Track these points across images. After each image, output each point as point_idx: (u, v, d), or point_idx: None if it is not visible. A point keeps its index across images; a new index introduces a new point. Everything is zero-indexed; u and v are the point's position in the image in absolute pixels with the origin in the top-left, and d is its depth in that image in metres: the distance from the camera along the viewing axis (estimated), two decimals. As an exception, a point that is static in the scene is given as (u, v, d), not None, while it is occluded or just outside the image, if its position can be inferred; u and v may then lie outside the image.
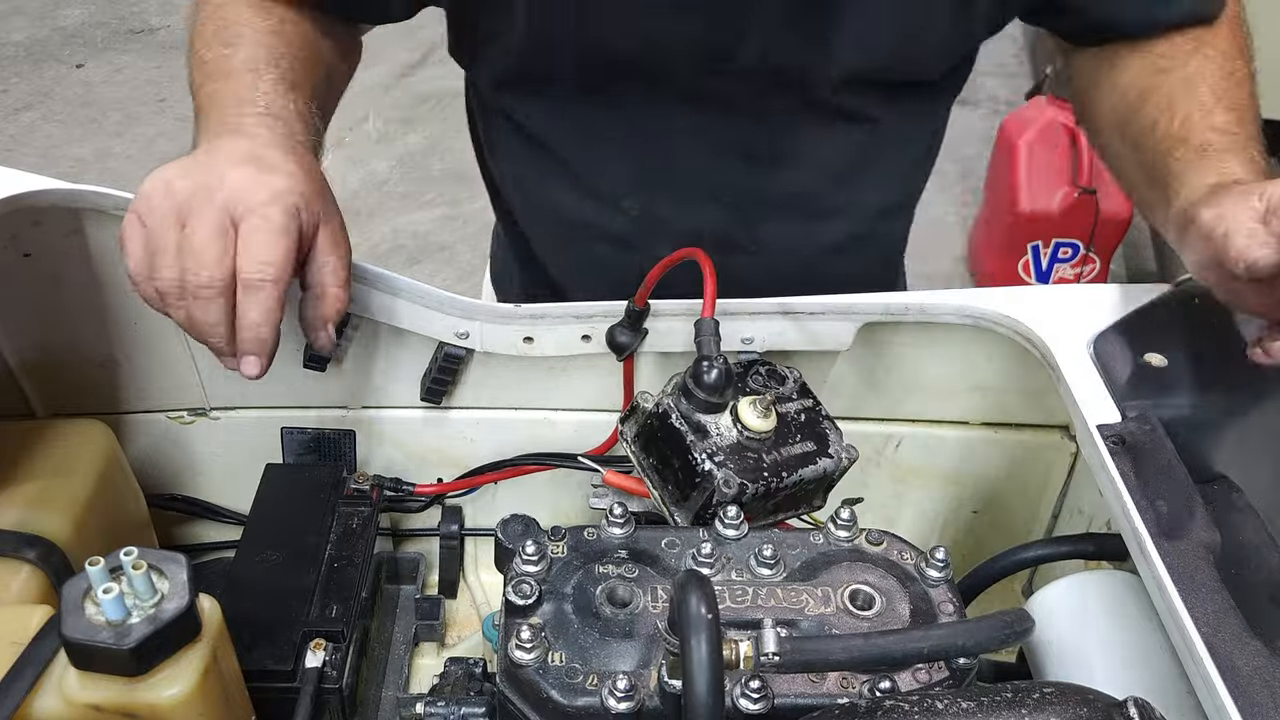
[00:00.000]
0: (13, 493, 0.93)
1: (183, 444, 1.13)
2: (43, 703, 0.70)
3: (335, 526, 1.02)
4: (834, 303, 1.00)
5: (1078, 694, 0.64)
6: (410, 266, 3.48)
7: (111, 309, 1.02)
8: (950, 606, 0.80)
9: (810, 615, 0.78)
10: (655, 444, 0.89)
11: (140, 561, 0.68)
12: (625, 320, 0.99)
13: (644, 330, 1.00)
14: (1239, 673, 0.70)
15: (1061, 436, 1.12)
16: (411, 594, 1.13)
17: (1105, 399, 0.92)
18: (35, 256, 0.97)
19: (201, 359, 1.07)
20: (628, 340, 1.00)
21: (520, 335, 1.02)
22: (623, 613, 0.76)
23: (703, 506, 0.85)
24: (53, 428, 1.01)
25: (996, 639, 0.71)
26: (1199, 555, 0.78)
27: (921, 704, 0.64)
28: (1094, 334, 0.97)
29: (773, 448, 0.87)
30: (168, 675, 0.70)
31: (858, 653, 0.69)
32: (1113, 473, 0.84)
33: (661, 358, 1.05)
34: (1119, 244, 3.10)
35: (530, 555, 0.79)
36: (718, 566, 0.80)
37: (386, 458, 1.14)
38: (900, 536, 0.87)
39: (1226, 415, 0.94)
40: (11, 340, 1.03)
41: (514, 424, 1.11)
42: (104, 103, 4.28)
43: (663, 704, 0.71)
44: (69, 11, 4.86)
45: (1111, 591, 0.88)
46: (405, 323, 1.01)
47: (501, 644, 0.75)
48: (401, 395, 1.09)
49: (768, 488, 0.85)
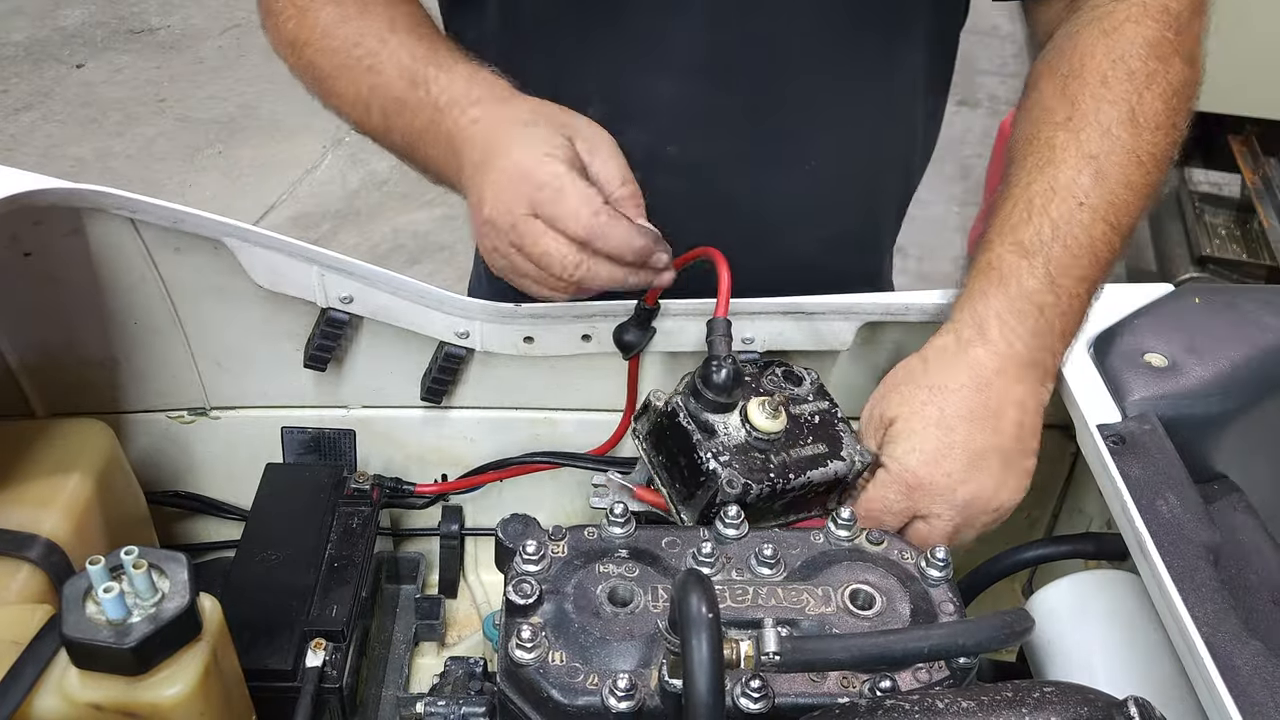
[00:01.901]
0: (13, 493, 0.93)
1: (183, 444, 1.13)
2: (43, 702, 0.70)
3: (335, 526, 1.02)
4: (834, 302, 1.00)
5: (1078, 693, 0.64)
6: (410, 266, 3.48)
7: (111, 309, 1.02)
8: (950, 606, 0.80)
9: (811, 615, 0.78)
10: (665, 442, 0.89)
11: (141, 561, 0.68)
12: (634, 319, 0.99)
13: (652, 329, 0.99)
14: (1239, 672, 0.70)
15: (1061, 436, 1.12)
16: (412, 594, 1.13)
17: (1105, 399, 0.92)
18: (35, 256, 0.97)
19: (201, 359, 1.07)
20: (635, 339, 0.99)
21: (520, 335, 1.02)
22: (623, 612, 0.76)
23: (707, 505, 0.85)
24: (53, 427, 1.01)
25: (997, 639, 0.71)
26: (1199, 555, 0.78)
27: (922, 703, 0.64)
28: (1094, 334, 0.97)
29: (782, 449, 0.87)
30: (168, 674, 0.70)
31: (858, 652, 0.69)
32: (1113, 472, 0.84)
33: (667, 357, 1.05)
34: (1119, 244, 3.09)
35: (531, 555, 0.79)
36: (718, 566, 0.80)
37: (386, 458, 1.14)
38: (900, 537, 0.87)
39: (1226, 415, 0.94)
40: (11, 340, 1.03)
41: (514, 423, 1.11)
42: (104, 103, 4.28)
43: (663, 703, 0.71)
44: (69, 11, 4.86)
45: (1111, 591, 0.88)
46: (405, 323, 1.01)
47: (502, 643, 0.75)
48: (401, 395, 1.10)
49: (774, 488, 0.85)
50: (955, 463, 0.86)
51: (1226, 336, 0.96)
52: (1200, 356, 0.94)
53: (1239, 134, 3.23)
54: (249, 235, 0.95)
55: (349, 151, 4.00)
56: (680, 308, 0.99)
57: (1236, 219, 3.19)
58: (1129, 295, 1.02)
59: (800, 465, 0.87)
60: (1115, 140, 0.92)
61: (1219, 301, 1.02)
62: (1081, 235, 0.90)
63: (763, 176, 1.14)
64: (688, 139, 1.10)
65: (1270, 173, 3.12)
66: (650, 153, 1.05)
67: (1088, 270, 0.91)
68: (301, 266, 0.97)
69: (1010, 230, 0.91)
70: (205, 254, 0.97)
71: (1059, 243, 0.90)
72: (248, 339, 1.05)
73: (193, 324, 1.04)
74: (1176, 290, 1.03)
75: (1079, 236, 0.90)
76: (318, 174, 3.96)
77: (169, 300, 1.01)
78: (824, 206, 1.18)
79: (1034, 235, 0.90)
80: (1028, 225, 0.91)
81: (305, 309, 1.02)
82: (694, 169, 1.11)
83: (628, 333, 0.99)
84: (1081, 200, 0.91)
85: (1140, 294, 1.02)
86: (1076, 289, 0.90)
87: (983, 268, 0.91)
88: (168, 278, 1.00)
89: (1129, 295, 1.02)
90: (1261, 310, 1.00)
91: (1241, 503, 0.91)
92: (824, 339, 1.02)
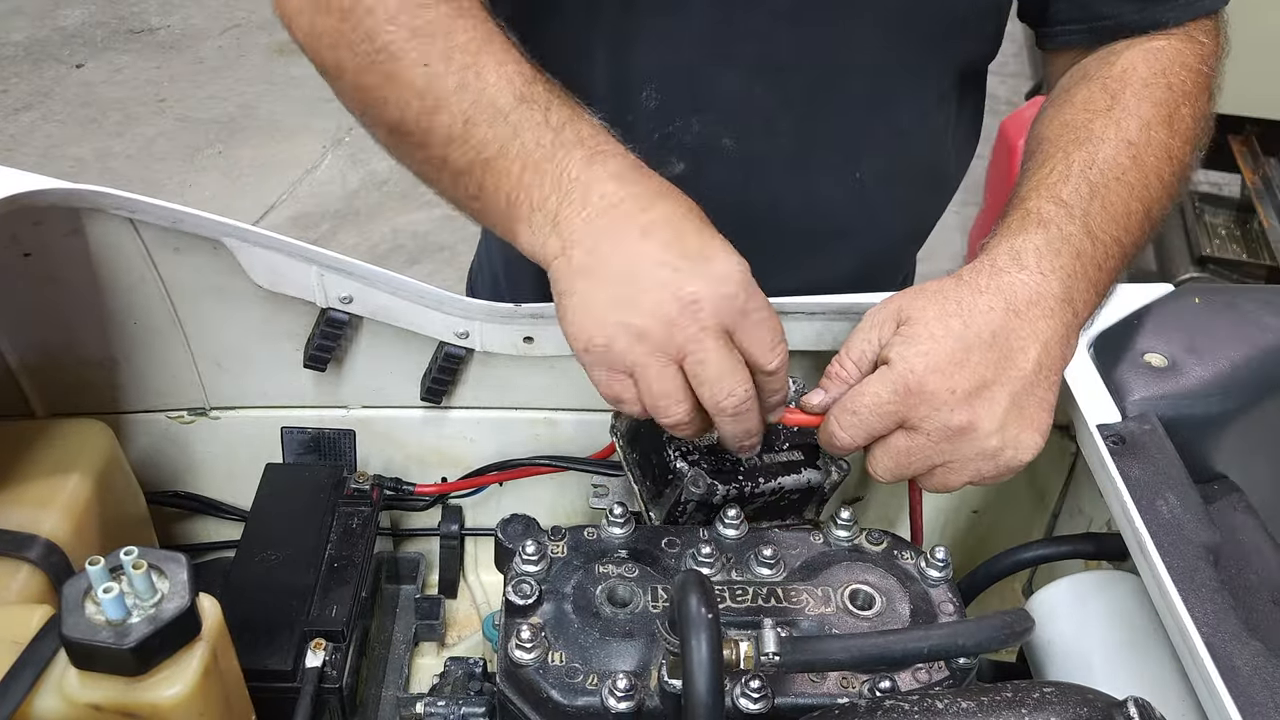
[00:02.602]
0: (13, 493, 0.93)
1: (183, 444, 1.13)
2: (43, 702, 0.70)
3: (335, 526, 1.02)
4: (835, 303, 1.00)
5: (1078, 694, 0.64)
6: (410, 266, 3.48)
7: (111, 309, 1.02)
8: (950, 606, 0.80)
9: (810, 615, 0.78)
10: (639, 440, 0.90)
11: (140, 561, 0.68)
12: None
13: None
14: (1239, 673, 0.70)
15: (1061, 436, 1.11)
16: (411, 594, 1.13)
17: (1105, 399, 0.92)
18: (35, 256, 0.96)
19: (201, 359, 1.07)
20: None
21: (520, 335, 1.02)
22: (623, 612, 0.76)
23: (674, 505, 0.85)
24: (53, 428, 1.00)
25: (996, 639, 0.71)
26: (1199, 555, 0.78)
27: (921, 704, 0.64)
28: (1094, 334, 0.97)
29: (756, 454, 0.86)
30: (168, 675, 0.70)
31: (858, 652, 0.69)
32: (1113, 473, 0.84)
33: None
34: (1119, 244, 3.10)
35: (530, 555, 0.79)
36: (718, 566, 0.80)
37: (386, 458, 1.14)
38: (900, 536, 0.87)
39: (1226, 415, 0.94)
40: (11, 340, 1.03)
41: (514, 424, 1.11)
42: (104, 103, 4.28)
43: (663, 704, 0.71)
44: (69, 11, 4.86)
45: (1111, 591, 0.88)
46: (405, 323, 1.01)
47: (502, 644, 0.75)
48: (401, 395, 1.09)
49: (741, 492, 0.85)
50: (962, 382, 0.79)
51: (1227, 336, 0.96)
52: (1200, 356, 0.94)
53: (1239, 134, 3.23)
54: (249, 235, 0.95)
55: (349, 151, 4.00)
56: None
57: (1236, 219, 3.20)
58: (1129, 295, 1.02)
59: (772, 471, 0.86)
60: (1153, 135, 0.94)
61: (1219, 301, 1.02)
62: (1119, 204, 0.89)
63: (812, 181, 1.12)
64: (745, 134, 1.07)
65: (1270, 173, 3.12)
66: (707, 143, 1.04)
67: (1122, 235, 0.89)
68: (301, 266, 0.97)
69: (1048, 188, 0.89)
70: (205, 254, 0.97)
71: (1098, 202, 0.88)
72: (247, 339, 1.05)
73: (192, 324, 1.04)
74: (1177, 290, 1.03)
75: (1116, 205, 0.89)
76: (317, 174, 3.96)
77: (169, 300, 1.01)
78: (868, 219, 1.16)
79: (1073, 192, 0.88)
80: (1066, 184, 0.89)
81: (305, 309, 1.02)
82: (748, 163, 1.08)
83: None
84: (1119, 176, 0.90)
85: (1140, 294, 1.02)
86: (1112, 248, 0.88)
87: (1019, 215, 0.88)
88: (167, 278, 1.00)
89: (1129, 295, 1.02)
90: (1261, 310, 1.00)
91: (1241, 503, 0.91)
92: (824, 339, 1.02)
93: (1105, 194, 0.89)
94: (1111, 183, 0.90)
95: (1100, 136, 0.93)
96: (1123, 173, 0.91)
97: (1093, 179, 0.90)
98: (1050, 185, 0.89)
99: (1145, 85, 0.97)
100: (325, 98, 0.93)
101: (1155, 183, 0.93)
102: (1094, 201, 0.88)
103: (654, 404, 0.77)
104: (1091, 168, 0.90)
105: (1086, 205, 0.88)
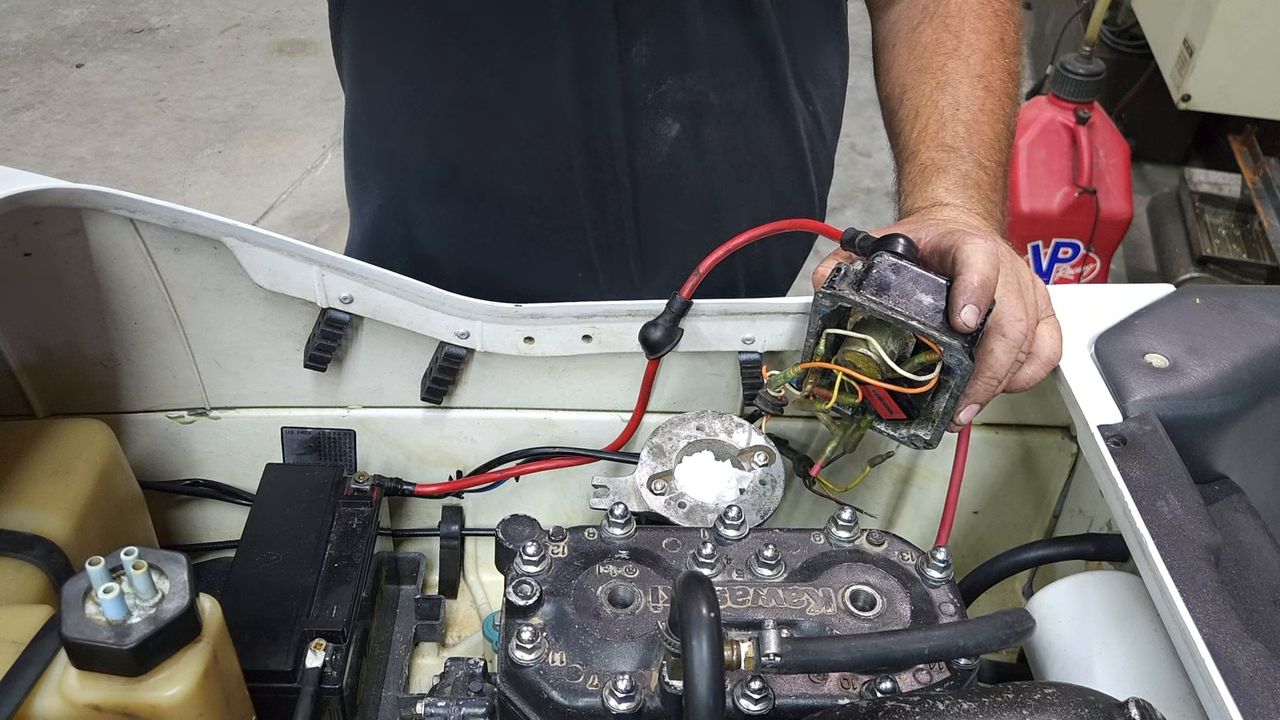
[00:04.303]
0: (13, 493, 0.93)
1: (183, 444, 1.13)
2: (43, 703, 0.70)
3: (335, 527, 1.01)
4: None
5: (1079, 695, 0.64)
6: (410, 266, 3.47)
7: (111, 309, 1.02)
8: (951, 607, 0.80)
9: (811, 616, 0.78)
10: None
11: (141, 561, 0.68)
12: (665, 316, 0.98)
13: (680, 329, 0.98)
14: (1240, 674, 0.69)
15: (1062, 437, 1.12)
16: (411, 594, 1.13)
17: (1106, 399, 0.92)
18: (35, 256, 0.96)
19: (201, 359, 1.07)
20: (663, 338, 0.97)
21: (521, 335, 1.02)
22: (623, 613, 0.76)
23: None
24: (53, 428, 1.00)
25: (997, 639, 0.71)
26: (1200, 556, 0.78)
27: (922, 705, 0.64)
28: (1095, 334, 0.97)
29: None
30: (168, 675, 0.70)
31: (859, 653, 0.69)
32: (1113, 473, 0.84)
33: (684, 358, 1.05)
34: (1119, 244, 3.10)
35: (531, 555, 0.79)
36: (718, 567, 0.80)
37: (386, 458, 1.14)
38: (901, 537, 0.87)
39: (1227, 416, 0.93)
40: (11, 340, 1.03)
41: (514, 423, 1.11)
42: (104, 103, 4.28)
43: (663, 705, 0.71)
44: (69, 11, 4.86)
45: (1112, 592, 0.88)
46: (405, 322, 1.01)
47: (502, 644, 0.75)
48: (401, 395, 1.09)
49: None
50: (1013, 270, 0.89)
51: (1227, 337, 0.96)
52: (1201, 357, 0.94)
53: (1239, 134, 3.24)
54: (249, 235, 0.95)
55: (349, 151, 3.99)
56: (702, 308, 0.99)
57: (1236, 219, 3.20)
58: (1130, 295, 1.02)
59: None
60: (994, 63, 1.11)
61: (1220, 302, 1.02)
62: (989, 133, 1.05)
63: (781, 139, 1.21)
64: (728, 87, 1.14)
65: (1270, 173, 3.12)
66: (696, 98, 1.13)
67: (1000, 156, 1.06)
68: (301, 266, 0.97)
69: (930, 137, 1.05)
70: (205, 254, 0.97)
71: (975, 137, 1.04)
72: (248, 339, 1.05)
73: (193, 324, 1.04)
74: (1177, 291, 1.03)
75: (987, 134, 1.05)
76: (317, 174, 3.96)
77: (169, 300, 1.01)
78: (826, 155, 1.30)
79: (953, 135, 1.04)
80: (944, 130, 1.04)
81: (305, 309, 1.02)
82: (737, 119, 1.15)
83: (656, 330, 0.98)
84: (981, 108, 1.07)
85: (1141, 294, 1.02)
86: (996, 171, 1.04)
87: (917, 168, 1.03)
88: (167, 278, 1.00)
89: (1130, 295, 1.02)
90: (1262, 311, 1.00)
91: (1242, 503, 0.91)
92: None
93: (977, 128, 1.05)
94: (979, 115, 1.06)
95: (957, 78, 1.09)
96: (982, 105, 1.07)
97: (964, 118, 1.05)
98: (932, 135, 1.05)
99: (979, 18, 1.13)
100: (325, 97, 0.93)
101: (1007, 101, 1.10)
102: (972, 138, 1.04)
103: None
104: (959, 109, 1.06)
105: (969, 143, 1.03)
